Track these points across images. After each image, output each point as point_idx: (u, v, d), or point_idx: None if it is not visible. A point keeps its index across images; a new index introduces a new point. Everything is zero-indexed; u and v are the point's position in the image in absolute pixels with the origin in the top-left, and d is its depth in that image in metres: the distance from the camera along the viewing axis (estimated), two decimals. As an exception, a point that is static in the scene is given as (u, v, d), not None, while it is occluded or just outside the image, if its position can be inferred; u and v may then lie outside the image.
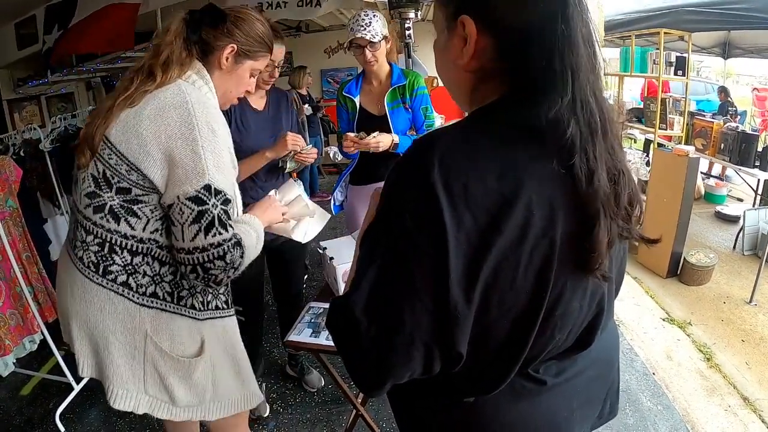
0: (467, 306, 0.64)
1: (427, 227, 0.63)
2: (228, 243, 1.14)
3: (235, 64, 1.34)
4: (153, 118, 1.14)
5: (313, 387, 2.67)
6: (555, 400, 0.82)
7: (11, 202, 2.79)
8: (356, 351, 0.68)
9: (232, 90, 1.38)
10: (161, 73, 1.20)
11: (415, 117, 2.36)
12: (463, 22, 0.70)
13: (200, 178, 1.12)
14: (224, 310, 1.37)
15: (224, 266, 1.14)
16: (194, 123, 1.13)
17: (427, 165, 0.63)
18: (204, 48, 1.29)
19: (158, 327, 1.24)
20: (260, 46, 1.37)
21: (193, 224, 1.12)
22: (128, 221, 1.18)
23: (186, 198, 1.12)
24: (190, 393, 1.30)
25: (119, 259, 1.20)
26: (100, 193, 1.18)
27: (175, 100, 1.15)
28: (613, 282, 0.83)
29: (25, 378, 2.90)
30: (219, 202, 1.14)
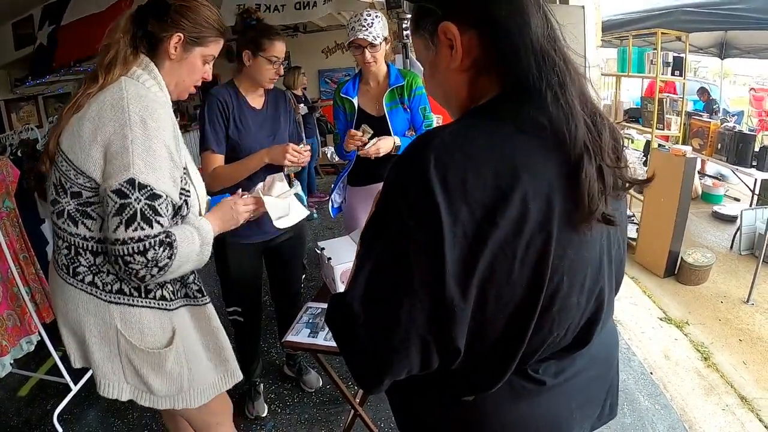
0: (464, 300, 0.65)
1: (424, 222, 0.63)
2: (151, 239, 1.13)
3: (185, 53, 1.32)
4: (92, 119, 1.16)
5: (311, 387, 2.67)
6: (555, 401, 0.83)
7: (8, 202, 2.78)
8: (354, 346, 0.69)
9: (185, 79, 1.37)
10: (104, 74, 1.21)
11: (413, 117, 2.36)
12: (443, 29, 0.74)
13: (124, 172, 1.12)
14: (196, 298, 1.39)
15: (145, 262, 1.13)
16: (126, 118, 1.14)
17: (424, 161, 0.65)
18: (151, 41, 1.29)
19: (127, 322, 1.26)
20: (209, 32, 1.35)
21: (115, 216, 1.12)
22: (85, 224, 1.21)
23: (110, 191, 1.13)
24: (166, 383, 1.32)
25: (84, 260, 1.24)
26: (59, 200, 1.21)
27: (112, 98, 1.17)
28: (614, 275, 0.84)
29: (22, 379, 2.89)
30: (143, 197, 1.13)
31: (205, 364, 1.41)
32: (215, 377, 1.44)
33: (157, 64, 1.30)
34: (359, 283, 0.68)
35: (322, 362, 1.88)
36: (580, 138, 0.68)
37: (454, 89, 0.80)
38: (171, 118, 1.25)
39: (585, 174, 0.68)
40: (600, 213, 0.70)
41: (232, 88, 2.07)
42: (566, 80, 0.71)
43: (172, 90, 1.34)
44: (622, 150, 0.78)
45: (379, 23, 2.18)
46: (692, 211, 4.35)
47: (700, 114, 4.87)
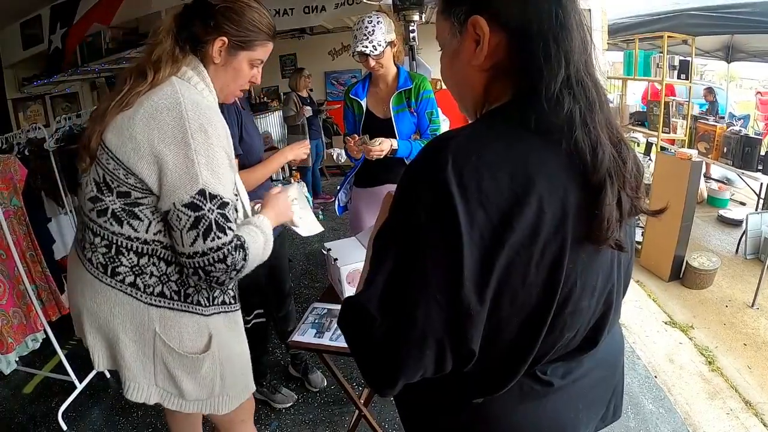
0: (480, 303, 0.65)
1: (441, 224, 0.63)
2: (228, 246, 1.14)
3: (229, 57, 1.29)
4: (146, 120, 1.12)
5: (315, 387, 2.67)
6: (561, 402, 0.83)
7: (16, 201, 2.80)
8: (369, 349, 0.69)
9: (230, 84, 1.34)
10: (153, 72, 1.17)
11: (420, 121, 2.35)
12: (474, 23, 0.73)
13: (194, 184, 1.11)
14: (231, 305, 1.38)
15: (225, 269, 1.15)
16: (186, 127, 1.11)
17: (441, 163, 0.65)
18: (195, 43, 1.25)
19: (166, 325, 1.24)
20: (255, 35, 1.31)
21: (191, 230, 1.11)
22: (131, 224, 1.18)
23: (182, 205, 1.11)
24: (199, 387, 1.31)
25: (126, 260, 1.20)
26: (102, 197, 1.18)
27: (168, 102, 1.13)
28: (623, 279, 0.84)
29: (27, 376, 2.91)
30: (215, 207, 1.13)
31: (237, 371, 1.40)
32: (244, 384, 1.43)
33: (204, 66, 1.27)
34: (375, 285, 0.68)
35: (328, 362, 1.88)
36: (605, 164, 0.68)
37: (469, 85, 0.80)
38: (224, 123, 1.22)
39: (607, 201, 0.68)
40: (614, 240, 0.70)
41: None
42: (595, 106, 0.70)
43: (218, 94, 1.31)
44: (642, 180, 0.77)
45: (381, 29, 2.15)
46: (698, 215, 4.34)
47: (706, 117, 4.85)
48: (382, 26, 2.16)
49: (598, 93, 0.72)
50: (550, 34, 0.69)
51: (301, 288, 3.89)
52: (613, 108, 0.77)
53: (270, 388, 2.52)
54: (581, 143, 0.68)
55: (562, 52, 0.69)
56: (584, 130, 0.68)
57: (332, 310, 1.87)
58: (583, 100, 0.69)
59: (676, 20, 4.83)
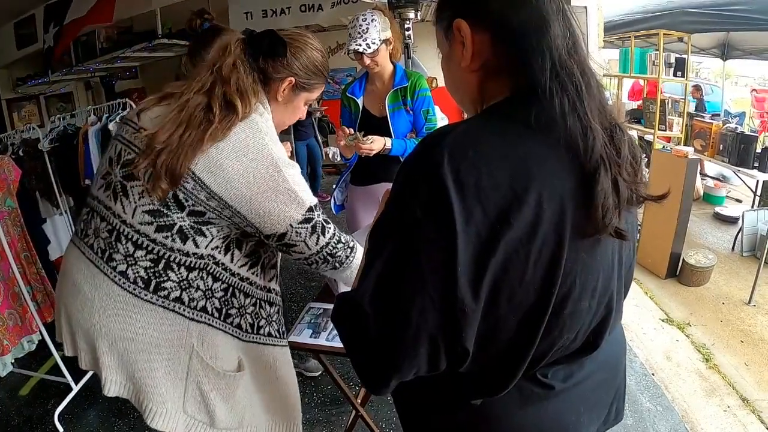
0: (475, 301, 0.64)
1: (437, 220, 0.63)
2: (335, 231, 1.28)
3: (292, 95, 1.30)
4: (236, 155, 1.11)
5: (313, 372, 2.70)
6: (563, 405, 0.82)
7: (10, 201, 2.78)
8: (362, 345, 0.68)
9: (285, 120, 1.36)
10: (241, 104, 1.14)
11: (416, 119, 2.34)
12: (456, 26, 0.74)
13: (303, 206, 1.19)
14: (277, 338, 1.38)
15: (343, 246, 1.29)
16: (279, 166, 1.15)
17: (437, 159, 0.64)
18: (262, 77, 1.24)
19: (204, 341, 1.21)
20: (317, 78, 1.32)
21: (311, 235, 1.22)
22: (195, 240, 1.16)
23: (297, 223, 1.19)
24: (231, 413, 1.27)
25: (174, 275, 1.16)
26: (167, 213, 1.12)
27: (257, 143, 1.13)
28: (623, 280, 0.83)
29: (23, 378, 2.89)
30: (318, 211, 1.24)
31: (268, 408, 1.38)
32: (275, 427, 1.41)
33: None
34: (369, 281, 0.67)
35: (324, 362, 1.88)
36: (597, 150, 0.67)
37: (465, 86, 0.80)
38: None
39: (600, 187, 0.67)
40: (613, 227, 0.69)
41: None
42: (583, 91, 0.69)
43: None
44: (640, 165, 0.77)
45: (375, 26, 2.14)
46: (694, 213, 4.34)
47: (702, 115, 4.86)
48: (377, 24, 2.15)
49: (586, 79, 0.71)
50: (529, 27, 0.70)
51: (297, 287, 3.88)
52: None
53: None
54: (573, 130, 0.67)
55: (543, 43, 0.69)
56: (574, 117, 0.68)
57: (328, 309, 1.86)
58: (571, 88, 0.69)
59: (671, 18, 4.84)
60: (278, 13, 4.31)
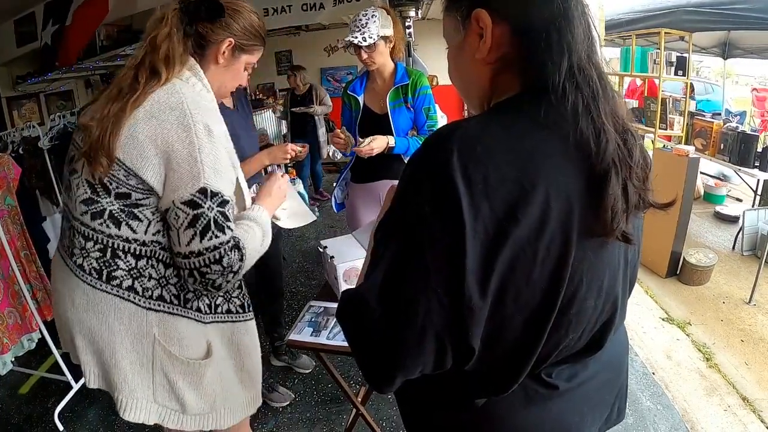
0: (482, 298, 0.64)
1: (445, 216, 0.62)
2: (225, 246, 1.11)
3: (232, 58, 1.31)
4: (148, 120, 1.10)
5: (306, 369, 2.73)
6: (567, 405, 0.82)
7: (10, 200, 2.78)
8: (368, 342, 0.68)
9: (227, 84, 1.36)
10: (165, 70, 1.15)
11: (417, 117, 2.34)
12: (476, 16, 0.72)
13: (196, 182, 1.09)
14: (238, 314, 1.34)
15: (221, 270, 1.11)
16: (191, 125, 1.10)
17: (446, 154, 0.63)
18: (200, 42, 1.25)
19: (166, 330, 1.21)
20: (256, 39, 1.34)
21: (188, 228, 1.09)
22: (129, 225, 1.15)
23: (181, 202, 1.09)
24: (201, 399, 1.27)
25: (123, 263, 1.16)
26: (97, 199, 1.14)
27: (170, 101, 1.12)
28: (628, 280, 0.83)
29: (23, 377, 2.89)
30: (215, 205, 1.11)
31: (237, 384, 1.36)
32: (245, 398, 1.39)
33: (202, 66, 1.26)
34: (375, 277, 0.66)
35: (325, 361, 1.88)
36: (609, 153, 0.67)
37: (476, 79, 0.79)
38: (223, 122, 1.22)
39: (610, 190, 0.67)
40: (620, 231, 0.69)
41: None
42: (599, 94, 0.69)
43: (213, 93, 1.30)
44: (649, 172, 0.76)
45: (375, 22, 2.15)
46: (694, 212, 4.34)
47: (703, 114, 4.85)
48: (377, 20, 2.16)
49: (602, 83, 0.70)
50: (552, 24, 0.68)
51: (297, 286, 3.88)
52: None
53: (267, 387, 2.52)
54: (585, 132, 0.67)
55: (565, 43, 0.68)
56: (588, 119, 0.67)
57: (329, 308, 1.86)
58: (587, 90, 0.68)
59: (673, 16, 4.83)
60: (279, 11, 4.30)
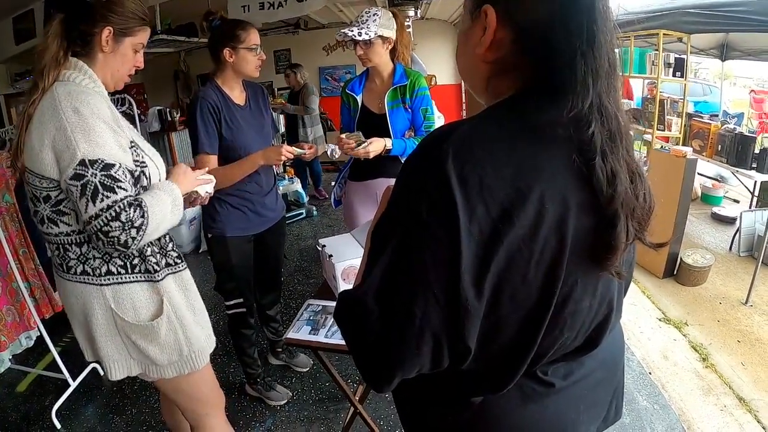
0: (477, 299, 0.64)
1: (441, 217, 0.62)
2: (119, 204, 1.21)
3: (116, 44, 1.38)
4: (37, 128, 1.24)
5: (304, 367, 2.74)
6: (563, 403, 0.82)
7: (8, 197, 2.78)
8: (365, 343, 0.68)
9: (119, 69, 1.43)
10: (42, 79, 1.28)
11: (414, 117, 2.35)
12: (485, 11, 0.71)
13: (74, 156, 1.20)
14: (176, 265, 1.48)
15: (121, 226, 1.20)
16: (60, 113, 1.21)
17: (441, 155, 0.63)
18: (84, 38, 1.35)
19: (119, 300, 1.36)
20: (135, 22, 1.41)
21: (81, 198, 1.20)
22: (62, 221, 1.31)
23: (69, 179, 1.21)
24: (165, 352, 1.42)
25: (72, 254, 1.34)
26: (37, 209, 1.32)
27: (48, 103, 1.25)
28: (623, 279, 0.83)
29: (21, 374, 2.89)
30: (98, 171, 1.21)
31: (195, 327, 1.48)
32: (204, 338, 1.52)
33: (92, 59, 1.37)
34: (372, 278, 0.66)
35: (323, 360, 1.88)
36: (620, 198, 0.67)
37: (474, 72, 0.78)
38: (107, 102, 1.33)
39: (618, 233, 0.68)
40: (616, 270, 0.70)
41: (216, 88, 2.10)
42: (617, 136, 0.68)
43: (108, 82, 1.41)
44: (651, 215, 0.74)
45: (375, 21, 2.17)
46: (691, 213, 4.35)
47: (701, 115, 4.87)
48: (378, 19, 2.18)
49: (620, 122, 0.69)
50: (578, 51, 0.65)
51: (295, 284, 3.88)
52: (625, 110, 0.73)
53: (265, 386, 2.52)
54: (598, 172, 0.66)
55: (590, 75, 0.65)
56: (603, 160, 0.66)
57: (327, 306, 1.87)
58: (606, 131, 0.67)
59: (671, 18, 4.83)
60: (275, 6, 4.28)
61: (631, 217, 0.69)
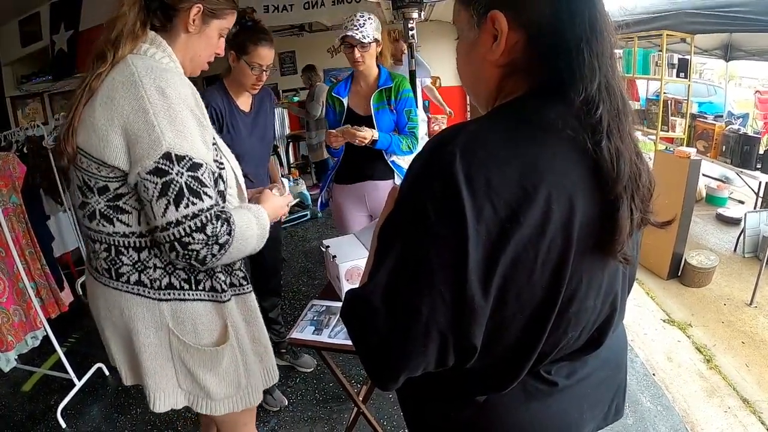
0: (484, 298, 0.65)
1: (448, 217, 0.63)
2: (206, 213, 1.06)
3: (203, 25, 1.24)
4: (104, 104, 1.07)
5: (308, 368, 2.76)
6: (566, 402, 0.83)
7: (15, 198, 2.80)
8: (372, 341, 0.68)
9: (201, 53, 1.29)
10: (112, 51, 1.11)
11: (398, 118, 2.45)
12: (493, 18, 0.71)
13: (157, 147, 1.04)
14: (242, 286, 1.33)
15: (205, 239, 1.05)
16: (142, 92, 1.04)
17: (449, 156, 0.64)
18: (166, 12, 1.19)
19: (179, 319, 1.21)
20: (226, 3, 1.28)
21: (160, 198, 1.04)
22: (120, 219, 1.14)
23: (146, 172, 1.04)
24: (223, 383, 1.27)
25: (126, 259, 1.17)
26: (86, 201, 1.15)
27: (121, 77, 1.07)
28: (627, 279, 0.84)
29: (27, 374, 2.91)
30: (184, 169, 1.05)
31: (256, 360, 1.36)
32: (261, 371, 1.38)
33: (171, 37, 1.21)
34: (379, 277, 0.67)
35: (327, 360, 1.88)
36: (625, 178, 0.67)
37: (484, 79, 0.78)
38: (190, 85, 1.16)
39: (624, 215, 0.68)
40: (623, 255, 0.70)
41: (223, 92, 2.13)
42: (622, 116, 0.69)
43: (186, 65, 1.26)
44: (653, 194, 0.76)
45: (371, 25, 2.27)
46: (696, 214, 4.34)
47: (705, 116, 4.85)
48: (373, 23, 2.29)
49: (624, 101, 0.70)
50: (584, 44, 0.67)
51: (300, 285, 3.89)
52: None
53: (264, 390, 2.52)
54: (605, 152, 0.67)
55: (597, 61, 0.67)
56: (609, 140, 0.67)
57: (331, 307, 1.87)
58: (613, 109, 0.68)
59: (675, 18, 4.82)
60: (280, 9, 4.29)
61: (634, 195, 0.70)
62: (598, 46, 0.67)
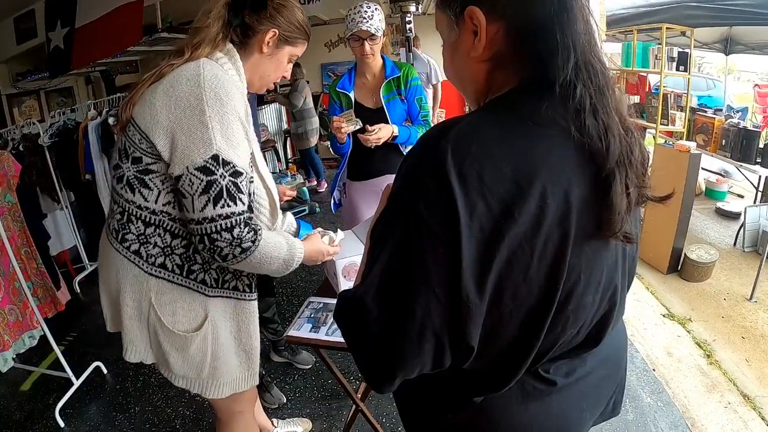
0: (479, 297, 0.63)
1: (440, 214, 0.61)
2: (236, 216, 1.16)
3: (276, 49, 1.37)
4: (166, 89, 1.17)
5: (306, 365, 2.75)
6: (565, 401, 0.81)
7: (10, 197, 2.78)
8: (366, 343, 0.67)
9: (270, 74, 1.41)
10: (190, 50, 1.24)
11: (410, 108, 2.39)
12: (470, 13, 0.71)
13: (208, 148, 1.14)
14: (244, 292, 1.39)
15: (230, 239, 1.15)
16: (201, 93, 1.14)
17: (440, 152, 0.63)
18: (245, 31, 1.32)
19: (162, 298, 1.29)
20: (299, 33, 1.40)
21: (202, 194, 1.14)
22: (141, 192, 1.23)
23: (194, 168, 1.14)
24: (186, 365, 1.35)
25: (134, 228, 1.26)
26: (121, 165, 1.24)
27: (188, 73, 1.18)
28: (627, 273, 0.82)
29: (24, 373, 2.90)
30: (227, 174, 1.15)
31: (232, 360, 1.40)
32: (238, 375, 1.43)
33: (246, 54, 1.33)
34: (372, 277, 0.66)
35: (324, 357, 1.87)
36: (615, 153, 0.66)
37: (472, 76, 0.78)
38: (244, 101, 1.26)
39: (618, 190, 0.66)
40: (623, 232, 0.69)
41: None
42: (604, 89, 0.68)
43: (255, 82, 1.39)
44: (647, 168, 0.75)
45: (378, 15, 2.20)
46: (695, 208, 4.33)
47: (705, 110, 4.84)
48: (380, 14, 2.22)
49: (606, 77, 0.69)
50: (554, 21, 0.66)
51: (297, 282, 3.88)
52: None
53: (261, 387, 2.51)
54: (591, 130, 0.66)
55: (569, 39, 0.66)
56: (594, 117, 0.66)
57: (328, 304, 1.86)
58: (593, 85, 0.67)
59: (674, 12, 4.81)
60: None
61: (628, 170, 0.69)
62: (569, 22, 0.66)
